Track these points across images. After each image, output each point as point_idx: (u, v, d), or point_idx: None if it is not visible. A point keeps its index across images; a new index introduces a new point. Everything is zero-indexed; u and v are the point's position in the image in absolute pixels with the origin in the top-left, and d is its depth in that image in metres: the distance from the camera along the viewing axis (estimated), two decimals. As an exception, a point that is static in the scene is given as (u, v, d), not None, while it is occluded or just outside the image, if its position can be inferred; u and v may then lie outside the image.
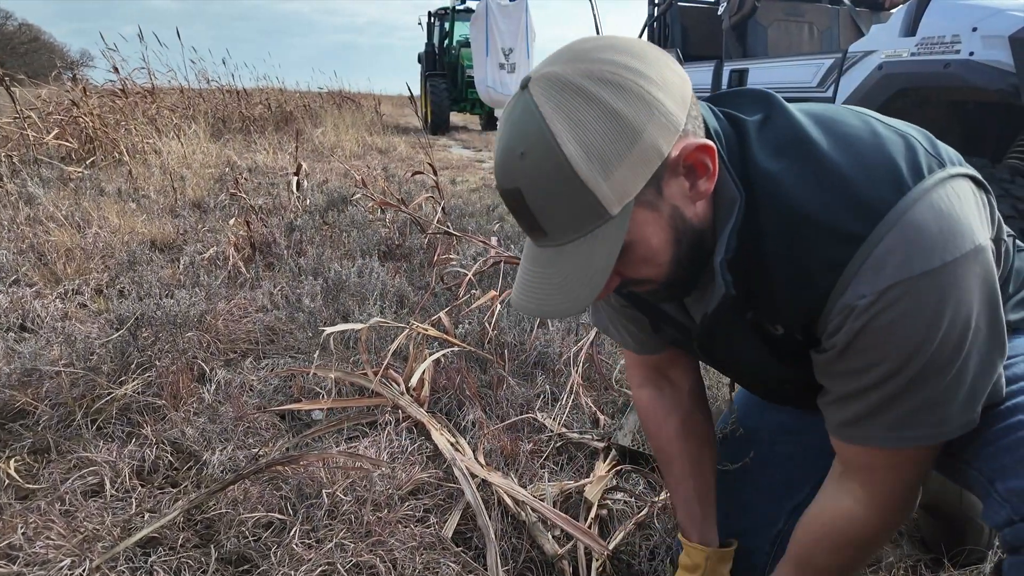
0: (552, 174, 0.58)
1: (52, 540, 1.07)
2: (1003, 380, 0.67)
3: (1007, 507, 0.62)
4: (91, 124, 5.62)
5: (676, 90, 0.60)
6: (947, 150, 0.64)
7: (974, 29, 2.25)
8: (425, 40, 13.77)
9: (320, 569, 1.06)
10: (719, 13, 4.04)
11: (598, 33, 3.13)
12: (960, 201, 0.59)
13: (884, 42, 2.68)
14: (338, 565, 1.06)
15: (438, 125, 12.37)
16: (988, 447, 0.65)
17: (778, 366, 0.75)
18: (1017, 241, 0.78)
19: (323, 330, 1.64)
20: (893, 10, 2.75)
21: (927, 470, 0.71)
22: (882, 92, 2.64)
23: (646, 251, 0.64)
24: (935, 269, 0.56)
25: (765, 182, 0.63)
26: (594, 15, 5.24)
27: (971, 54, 2.25)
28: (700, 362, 0.99)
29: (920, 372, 0.61)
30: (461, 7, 12.94)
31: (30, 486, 1.29)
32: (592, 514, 1.26)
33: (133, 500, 1.23)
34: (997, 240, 0.65)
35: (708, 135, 0.65)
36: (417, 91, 14.09)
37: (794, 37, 3.86)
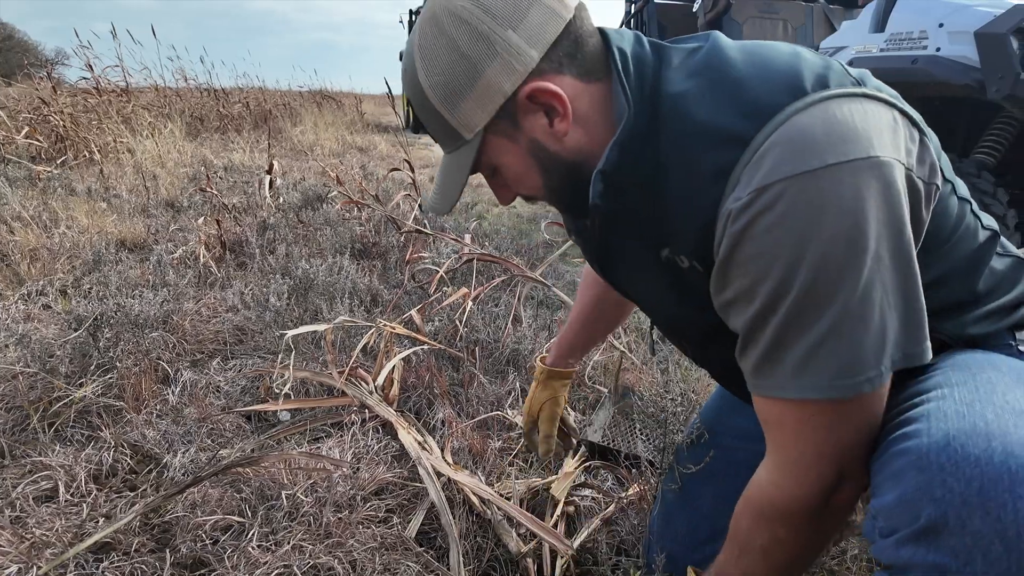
0: (417, 95, 0.68)
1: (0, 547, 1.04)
2: (926, 347, 0.59)
3: (875, 523, 0.56)
4: (62, 123, 5.51)
5: (538, 32, 0.63)
6: (883, 87, 0.61)
7: (940, 25, 2.28)
8: (407, 38, 13.68)
9: (276, 572, 1.04)
10: (694, 10, 4.06)
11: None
12: (865, 116, 0.55)
13: (855, 38, 2.70)
14: (295, 567, 1.04)
15: (419, 123, 12.30)
16: (875, 460, 0.59)
17: (686, 307, 0.73)
18: (1004, 243, 0.72)
19: (285, 333, 1.62)
20: (865, 7, 2.77)
21: (841, 441, 0.60)
22: (853, 88, 2.66)
23: (512, 174, 0.72)
24: (814, 170, 0.52)
25: (670, 100, 0.63)
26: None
27: (938, 50, 2.27)
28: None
29: (807, 294, 0.55)
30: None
31: (-20, 492, 1.26)
32: (558, 511, 1.25)
33: (87, 505, 1.20)
34: (929, 184, 0.59)
35: (609, 62, 0.67)
36: (398, 89, 14.01)
37: (768, 34, 3.89)
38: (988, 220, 0.71)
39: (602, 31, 0.69)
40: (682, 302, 0.73)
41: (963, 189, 0.69)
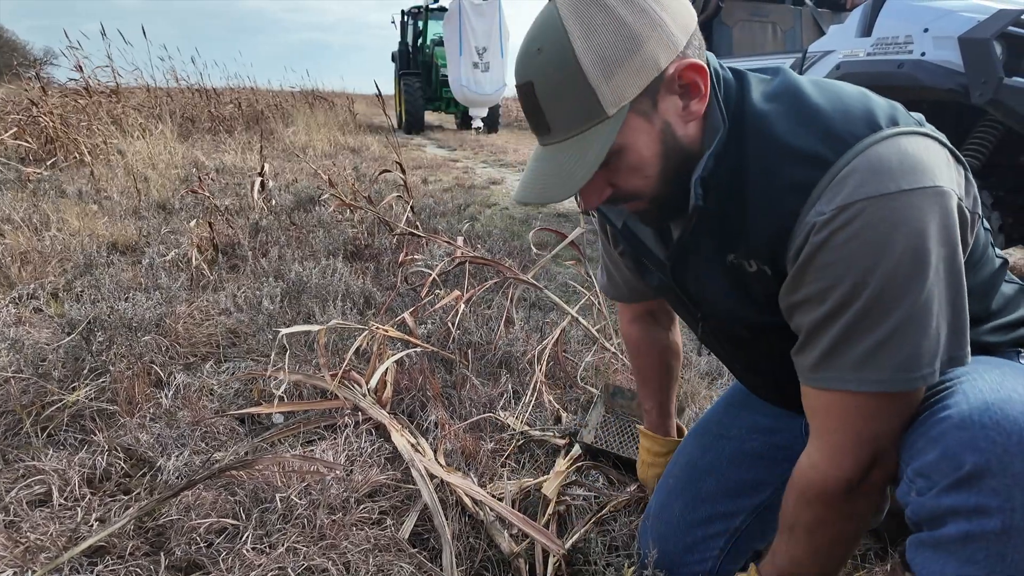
0: (561, 69, 0.66)
1: (-7, 552, 1.04)
2: (968, 351, 0.67)
3: (912, 485, 0.63)
4: (51, 124, 5.48)
5: (681, 18, 0.68)
6: (937, 131, 0.69)
7: (925, 30, 2.31)
8: (399, 39, 13.68)
9: (272, 573, 1.05)
10: (685, 13, 4.07)
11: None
12: (928, 152, 0.63)
13: (842, 42, 2.73)
14: (289, 569, 1.05)
15: (413, 124, 12.29)
16: (910, 435, 0.67)
17: (747, 307, 0.80)
18: (1009, 273, 0.82)
19: (279, 332, 1.62)
20: (853, 11, 2.81)
21: (880, 429, 0.69)
22: (840, 91, 2.69)
23: (637, 159, 0.71)
24: (890, 193, 0.60)
25: (754, 119, 0.70)
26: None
27: (923, 54, 2.31)
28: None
29: (877, 299, 0.62)
30: (434, 6, 12.88)
31: (-26, 497, 1.26)
32: (550, 511, 1.27)
33: (81, 509, 1.20)
34: (972, 213, 0.68)
35: (713, 74, 0.72)
36: (390, 90, 14.00)
37: (758, 37, 3.92)
38: (999, 251, 0.82)
39: None
40: (741, 301, 0.80)
41: (986, 221, 0.78)
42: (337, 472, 1.26)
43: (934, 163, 0.63)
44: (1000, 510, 0.54)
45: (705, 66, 0.68)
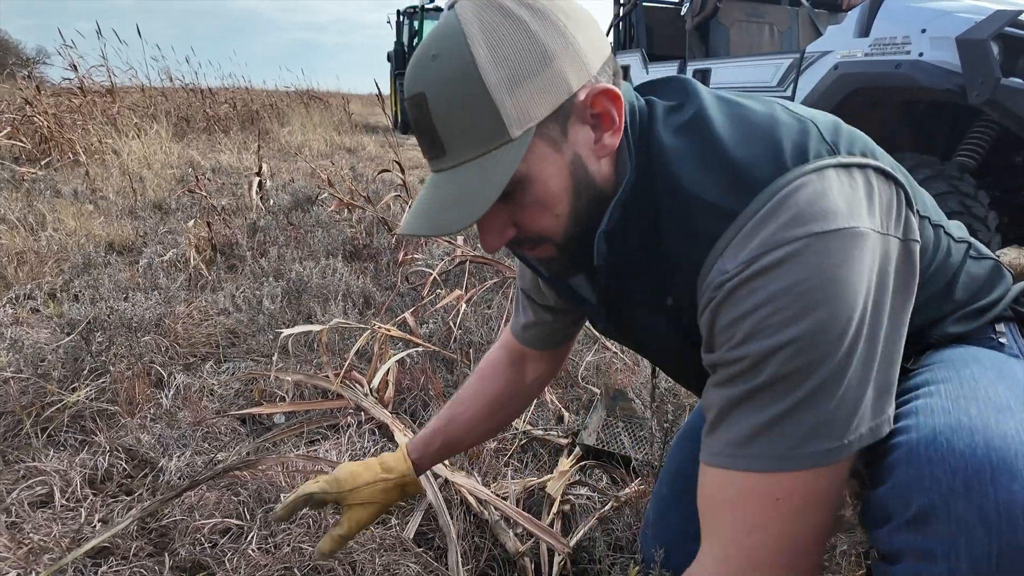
0: (459, 78, 0.58)
1: (-4, 553, 1.04)
2: (889, 416, 0.58)
3: (870, 511, 0.57)
4: (46, 123, 5.45)
5: (596, 42, 0.62)
6: (855, 140, 0.62)
7: (923, 31, 2.32)
8: (395, 39, 13.66)
9: (277, 573, 1.05)
10: (682, 14, 4.10)
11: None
12: (840, 187, 0.57)
13: (839, 43, 2.75)
14: (295, 569, 1.05)
15: (408, 124, 12.25)
16: (870, 453, 0.59)
17: (681, 347, 0.72)
18: (978, 247, 0.75)
19: (281, 332, 1.62)
20: (850, 11, 2.82)
21: (796, 532, 0.57)
22: (838, 91, 2.71)
23: (544, 194, 0.62)
24: (796, 244, 0.54)
25: (661, 157, 0.63)
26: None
27: (921, 55, 2.32)
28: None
29: (784, 366, 0.55)
30: (430, 5, 12.85)
31: (-25, 498, 1.25)
32: (555, 509, 1.27)
33: (84, 510, 1.20)
34: (906, 241, 0.60)
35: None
36: (387, 90, 13.98)
37: (755, 37, 3.93)
38: (959, 231, 0.74)
39: None
40: (685, 346, 0.71)
41: (936, 213, 0.71)
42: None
43: (845, 199, 0.56)
44: (945, 557, 0.51)
45: (620, 95, 0.62)
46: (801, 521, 0.57)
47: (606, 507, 1.28)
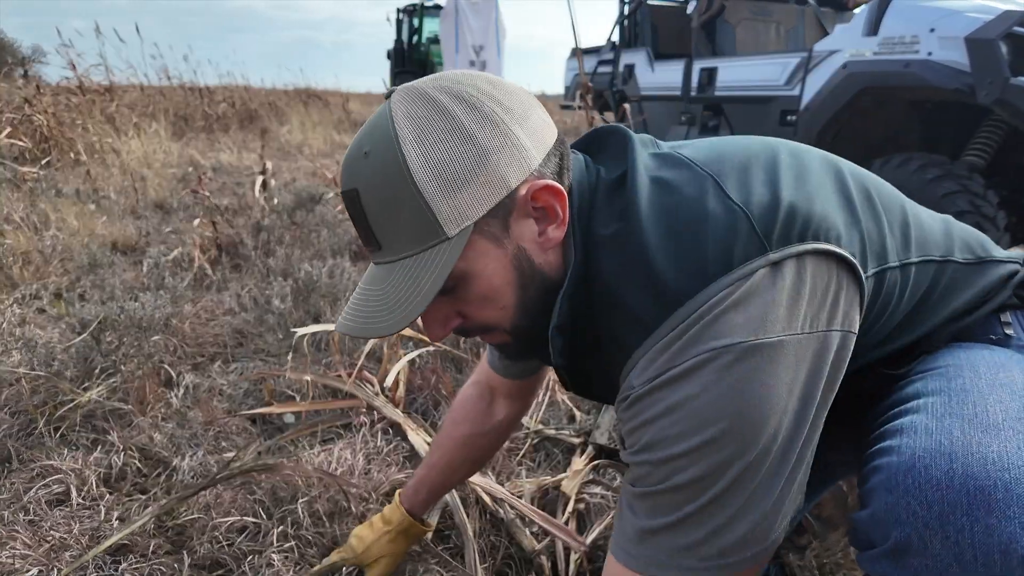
0: (390, 178, 0.57)
1: (17, 549, 1.03)
2: (775, 540, 0.57)
3: (855, 534, 0.57)
4: (46, 123, 5.43)
5: (537, 132, 0.61)
6: (795, 217, 0.58)
7: (932, 30, 2.33)
8: (395, 37, 13.63)
9: (298, 569, 1.05)
10: (688, 12, 4.10)
11: (574, 31, 3.14)
12: (762, 294, 0.54)
13: (848, 42, 2.75)
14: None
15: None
16: (860, 469, 0.59)
17: None
18: (997, 254, 0.72)
19: (294, 332, 1.62)
20: (856, 10, 2.82)
21: None
22: (846, 91, 2.71)
23: (487, 289, 0.62)
24: (698, 359, 0.53)
25: (596, 260, 0.62)
26: (570, 12, 5.26)
27: (929, 54, 2.33)
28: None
29: (676, 483, 0.55)
30: (430, 4, 12.85)
31: (-10, 497, 1.24)
32: (570, 508, 1.27)
33: (101, 508, 1.19)
34: (844, 332, 0.58)
35: (569, 191, 0.64)
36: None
37: (761, 36, 3.93)
38: (969, 252, 0.70)
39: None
40: None
41: (928, 247, 0.67)
42: (355, 490, 1.24)
43: (766, 309, 0.54)
44: None
45: (563, 189, 0.60)
46: None
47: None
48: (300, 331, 1.53)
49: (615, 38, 4.89)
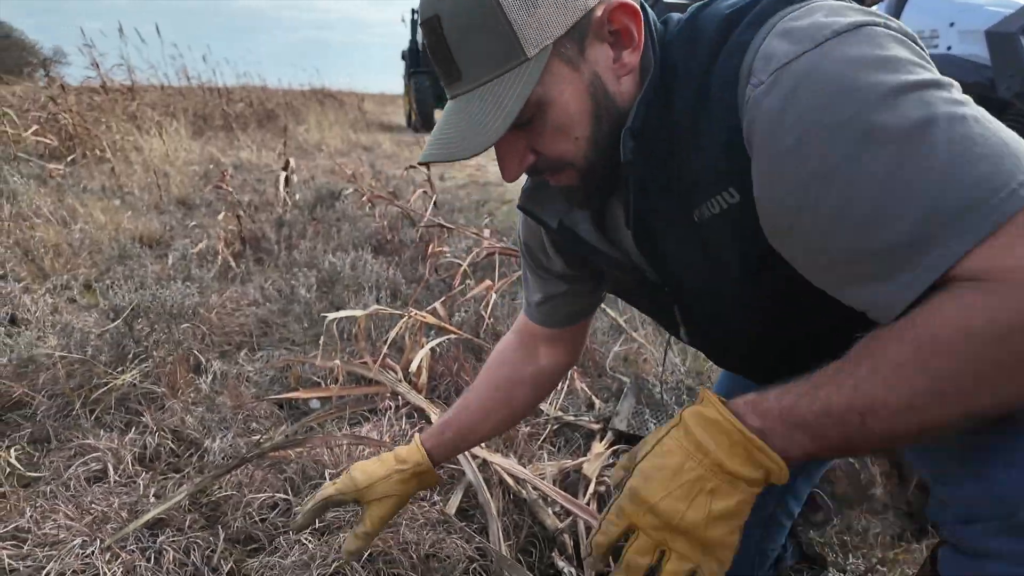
0: (472, 2, 0.57)
1: (61, 522, 1.08)
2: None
3: (947, 509, 0.56)
4: (71, 121, 5.54)
5: None
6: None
7: (951, 24, 2.33)
8: (409, 37, 13.71)
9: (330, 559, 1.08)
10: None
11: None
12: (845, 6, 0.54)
13: (865, 37, 2.74)
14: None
15: (423, 122, 12.31)
16: (938, 450, 0.57)
17: (711, 272, 0.67)
18: None
19: (323, 316, 1.66)
20: (875, 7, 2.81)
21: None
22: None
23: (563, 116, 0.61)
24: (825, 40, 0.51)
25: (679, 46, 0.61)
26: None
27: (949, 48, 2.32)
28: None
29: (855, 153, 0.49)
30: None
31: (32, 474, 1.30)
32: (591, 490, 1.30)
33: (139, 484, 1.24)
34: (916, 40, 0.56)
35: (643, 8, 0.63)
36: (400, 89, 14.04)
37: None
38: None
39: None
40: (722, 281, 0.66)
41: None
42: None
43: (846, 7, 0.54)
44: None
45: (638, 8, 0.60)
46: None
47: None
48: (330, 316, 1.57)
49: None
